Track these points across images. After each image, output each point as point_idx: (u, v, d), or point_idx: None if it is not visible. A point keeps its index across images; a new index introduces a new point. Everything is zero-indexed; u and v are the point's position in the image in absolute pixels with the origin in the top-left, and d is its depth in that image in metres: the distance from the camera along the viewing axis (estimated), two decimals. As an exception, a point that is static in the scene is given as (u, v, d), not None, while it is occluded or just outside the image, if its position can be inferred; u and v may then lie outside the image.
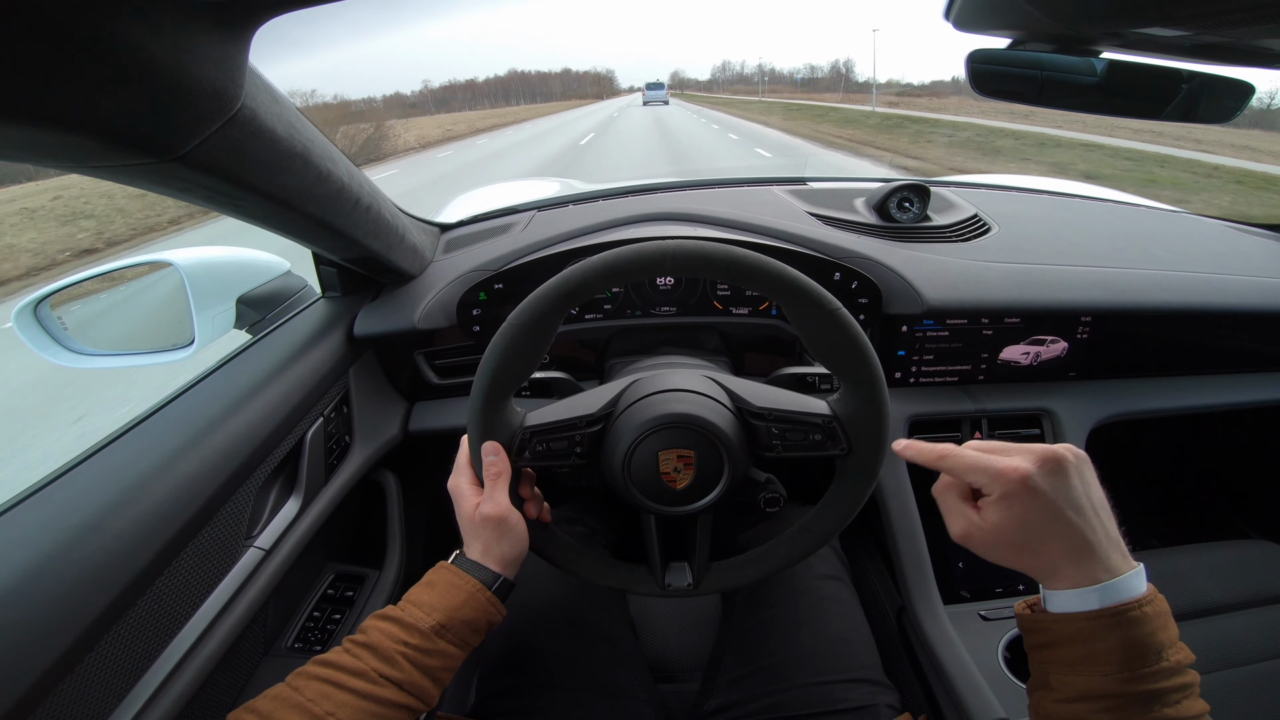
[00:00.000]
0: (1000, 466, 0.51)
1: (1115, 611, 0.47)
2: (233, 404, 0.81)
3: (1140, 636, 0.46)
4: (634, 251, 0.63)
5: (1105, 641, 0.47)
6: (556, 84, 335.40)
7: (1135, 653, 0.46)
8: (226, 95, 0.51)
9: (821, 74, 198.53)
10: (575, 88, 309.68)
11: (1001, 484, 0.50)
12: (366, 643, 0.57)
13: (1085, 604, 0.48)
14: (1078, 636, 0.48)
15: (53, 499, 0.63)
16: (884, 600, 1.13)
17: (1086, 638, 0.48)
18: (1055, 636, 0.50)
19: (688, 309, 1.12)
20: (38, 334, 0.98)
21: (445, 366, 1.16)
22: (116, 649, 0.60)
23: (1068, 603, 0.49)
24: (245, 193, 0.63)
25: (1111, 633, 0.46)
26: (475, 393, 0.66)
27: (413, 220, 1.12)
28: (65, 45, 0.37)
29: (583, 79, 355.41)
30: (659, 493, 0.68)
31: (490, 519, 0.65)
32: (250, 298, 1.06)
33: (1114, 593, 0.47)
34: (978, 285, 1.06)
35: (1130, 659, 0.46)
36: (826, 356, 0.65)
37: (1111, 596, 0.47)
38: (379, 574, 1.10)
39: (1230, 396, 1.19)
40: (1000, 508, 0.51)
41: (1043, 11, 0.59)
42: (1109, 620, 0.47)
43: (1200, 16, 0.51)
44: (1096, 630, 0.47)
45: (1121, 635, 0.46)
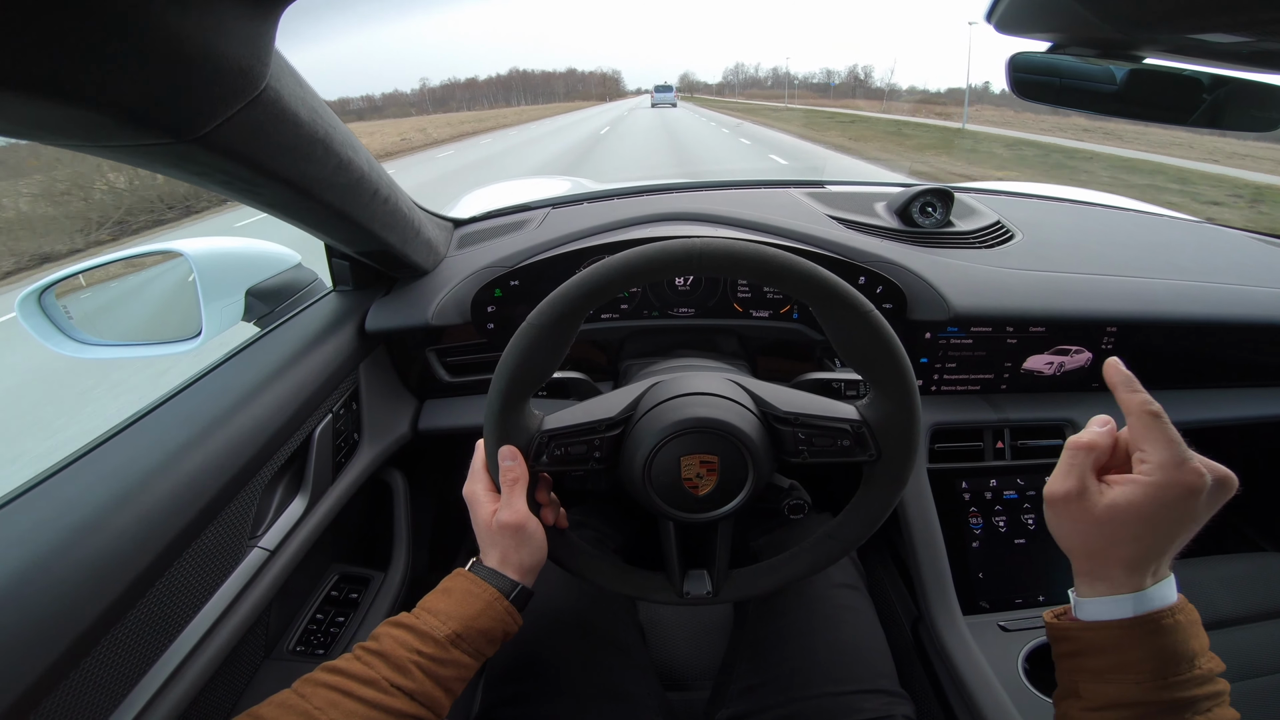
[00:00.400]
0: (1191, 461, 0.46)
1: (1149, 619, 0.46)
2: (239, 399, 0.79)
3: (1173, 644, 0.45)
4: (659, 250, 0.61)
5: (1138, 650, 0.46)
6: (560, 84, 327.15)
7: (1168, 661, 0.45)
8: (252, 74, 0.49)
9: (839, 79, 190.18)
10: (580, 88, 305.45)
11: (1176, 474, 0.45)
12: (379, 650, 0.56)
13: (1119, 612, 0.47)
14: (1109, 645, 0.47)
15: (52, 495, 0.61)
16: (899, 610, 1.11)
17: (1119, 646, 0.47)
18: (1085, 645, 0.49)
19: (706, 311, 1.10)
20: (41, 323, 0.96)
21: (457, 364, 1.15)
22: (115, 651, 0.58)
23: (1100, 610, 0.48)
24: (264, 178, 0.61)
25: (1144, 641, 0.46)
26: (493, 395, 0.64)
27: (427, 214, 1.10)
28: (85, 16, 0.35)
29: (588, 79, 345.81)
30: (680, 499, 0.65)
31: (508, 526, 0.63)
32: (260, 290, 1.04)
33: (1147, 601, 0.47)
34: (1003, 293, 1.04)
35: (1162, 667, 0.45)
36: (858, 361, 0.63)
37: (1145, 604, 0.47)
38: (384, 576, 1.08)
39: (1252, 410, 1.17)
40: (1142, 490, 0.46)
41: (1094, 13, 0.57)
42: (1142, 628, 0.46)
43: (1265, 22, 0.49)
44: (1129, 638, 0.46)
45: (1155, 643, 0.46)
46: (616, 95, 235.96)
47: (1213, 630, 0.96)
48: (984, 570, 1.02)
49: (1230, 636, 0.96)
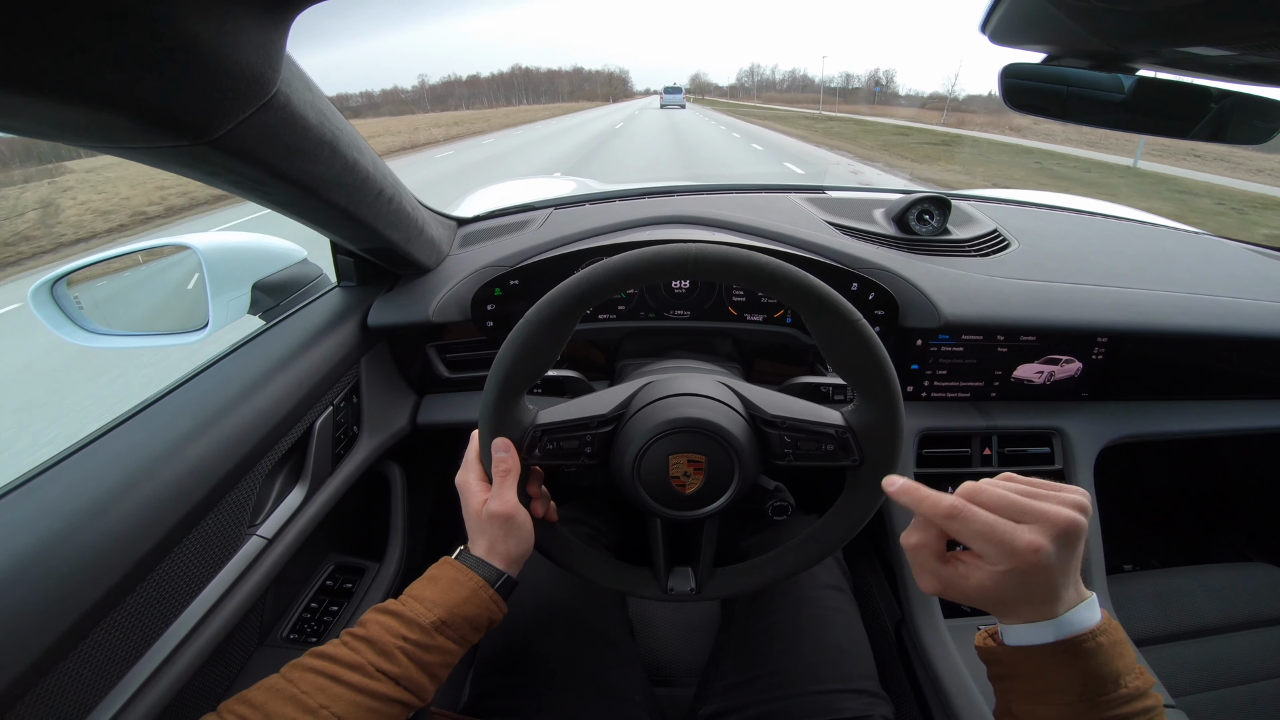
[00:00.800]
0: (1019, 545, 0.46)
1: (1069, 644, 0.47)
2: (243, 390, 0.81)
3: (1096, 666, 0.46)
4: (655, 254, 0.62)
5: (1063, 673, 0.47)
6: (564, 83, 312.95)
7: (1093, 682, 0.46)
8: (263, 80, 0.51)
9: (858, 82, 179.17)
10: (585, 88, 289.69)
11: (1014, 561, 0.47)
12: (365, 636, 0.57)
13: (1040, 637, 0.48)
14: (1035, 670, 0.49)
15: (59, 481, 0.63)
16: (883, 612, 1.13)
17: (1043, 671, 0.48)
18: (1014, 669, 0.50)
19: (702, 313, 1.11)
20: (53, 313, 0.98)
21: (456, 360, 1.16)
22: (113, 634, 0.59)
23: (1023, 636, 0.49)
24: (273, 179, 0.63)
25: (1069, 664, 0.47)
26: (488, 389, 0.65)
27: (431, 213, 1.12)
28: (110, 22, 0.37)
29: (593, 79, 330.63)
30: (668, 496, 0.67)
31: (497, 516, 0.65)
32: (265, 284, 1.06)
33: (1067, 626, 0.47)
34: (995, 301, 1.05)
35: (1089, 689, 0.46)
36: (844, 368, 0.65)
37: (1065, 629, 0.47)
38: (379, 567, 1.10)
39: (1241, 422, 1.17)
40: (997, 577, 0.48)
41: (1085, 27, 0.58)
42: (1065, 653, 0.47)
43: (1251, 37, 0.50)
44: (1054, 663, 0.47)
45: (1079, 666, 0.47)
46: (624, 95, 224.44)
47: (1198, 638, 0.98)
48: None
49: (1216, 645, 0.98)
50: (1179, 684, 0.92)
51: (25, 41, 0.34)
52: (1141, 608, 1.06)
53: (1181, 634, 1.01)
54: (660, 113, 43.69)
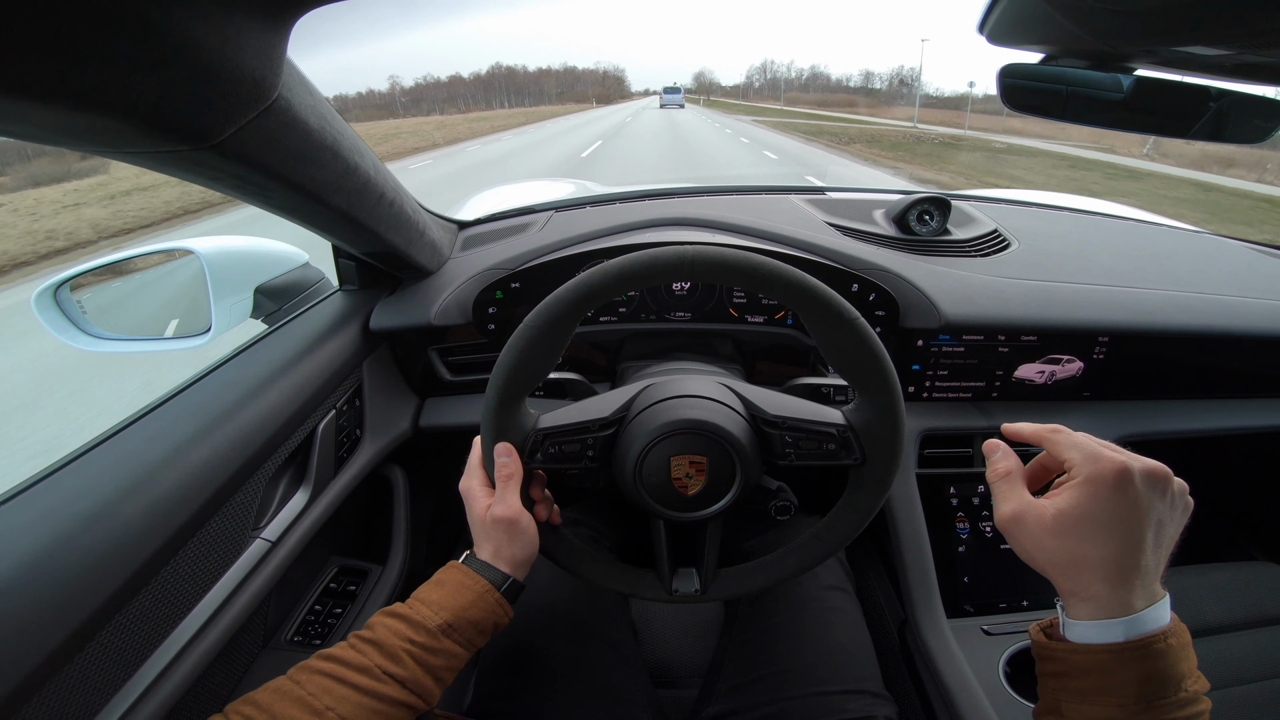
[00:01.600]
0: (1104, 451, 0.49)
1: (1140, 645, 0.45)
2: (247, 393, 0.81)
3: (1162, 669, 0.45)
4: (652, 256, 0.62)
5: (1125, 674, 0.45)
6: (552, 83, 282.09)
7: (1155, 685, 0.44)
8: (264, 85, 0.51)
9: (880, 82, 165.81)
10: (576, 88, 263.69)
11: (1097, 466, 0.48)
12: (372, 639, 0.57)
13: (1109, 636, 0.46)
14: (1095, 668, 0.46)
15: (63, 484, 0.64)
16: (886, 612, 1.13)
17: (1104, 670, 0.46)
18: (1071, 667, 0.48)
19: (703, 315, 1.12)
20: (57, 317, 0.99)
21: (458, 363, 1.17)
22: (119, 636, 0.60)
23: (1090, 634, 0.47)
24: (275, 183, 0.63)
25: (1133, 665, 0.45)
26: (489, 394, 0.66)
27: (432, 217, 1.12)
28: (111, 28, 0.37)
29: (584, 78, 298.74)
30: (670, 498, 0.67)
31: (501, 521, 0.65)
32: (268, 288, 1.07)
33: (1140, 625, 0.46)
34: (996, 301, 1.05)
35: (1148, 691, 0.44)
36: (844, 367, 0.65)
37: (1137, 629, 0.46)
38: (382, 569, 1.10)
39: (1245, 421, 1.17)
40: (1079, 491, 0.48)
41: (1080, 27, 0.58)
42: (1131, 654, 0.45)
43: (1245, 36, 0.51)
44: (1116, 664, 0.45)
45: (1143, 668, 0.45)
46: (618, 96, 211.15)
47: (1200, 638, 0.98)
48: (969, 575, 1.03)
49: (1218, 644, 0.97)
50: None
51: (27, 48, 0.35)
52: (1144, 607, 1.05)
53: (1185, 633, 1.01)
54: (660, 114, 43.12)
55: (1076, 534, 0.47)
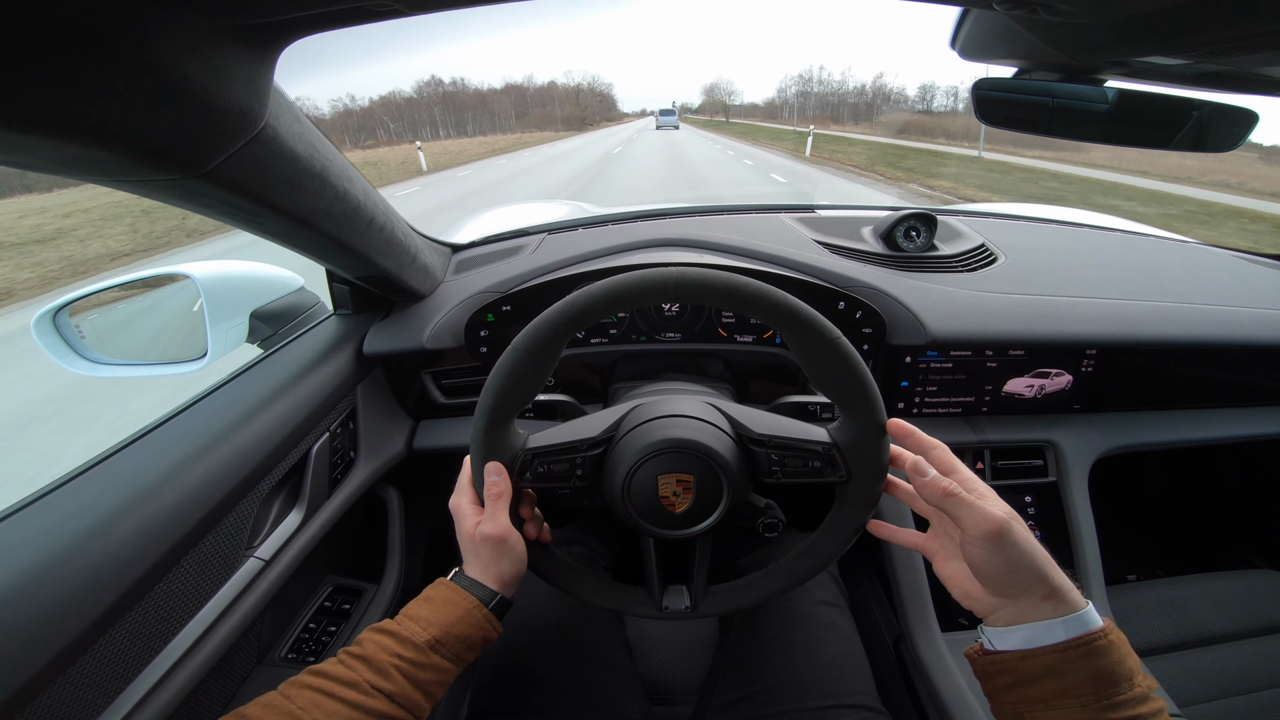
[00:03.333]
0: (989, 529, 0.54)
1: (1082, 642, 0.48)
2: (242, 416, 0.82)
3: (1109, 665, 0.47)
4: (637, 278, 0.63)
5: (1076, 673, 0.48)
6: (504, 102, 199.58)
7: (1106, 681, 0.47)
8: (251, 114, 0.53)
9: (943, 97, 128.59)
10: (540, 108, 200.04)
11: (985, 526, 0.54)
12: (361, 654, 0.58)
13: (1051, 637, 0.49)
14: (1048, 671, 0.49)
15: (62, 502, 0.65)
16: (882, 627, 1.13)
17: (1057, 671, 0.48)
18: (1023, 674, 0.51)
19: (692, 335, 1.13)
20: (55, 342, 1.00)
21: (452, 386, 1.18)
22: (112, 650, 0.61)
23: (1032, 637, 0.50)
24: (265, 210, 0.65)
25: (1081, 663, 0.48)
26: (479, 414, 0.67)
27: (425, 240, 1.14)
28: (109, 64, 0.39)
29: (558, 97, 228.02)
30: (658, 516, 0.68)
31: (490, 538, 0.66)
32: (263, 312, 1.08)
33: (1078, 624, 0.49)
34: (982, 317, 1.06)
35: (1103, 688, 0.47)
36: (826, 385, 0.66)
37: (1076, 628, 0.49)
38: (376, 588, 1.11)
39: (1236, 430, 1.18)
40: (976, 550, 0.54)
41: (1046, 42, 0.60)
42: (1077, 651, 0.48)
43: (1197, 45, 0.52)
44: (1066, 662, 0.48)
45: (1091, 665, 0.47)
46: (606, 119, 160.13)
47: (1203, 646, 0.98)
48: None
49: (1222, 653, 0.98)
50: (1187, 693, 0.92)
51: (24, 82, 0.36)
52: (1146, 618, 1.06)
53: (1188, 643, 1.01)
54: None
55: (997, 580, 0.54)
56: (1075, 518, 1.07)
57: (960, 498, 0.57)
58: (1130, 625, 1.01)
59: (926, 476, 0.60)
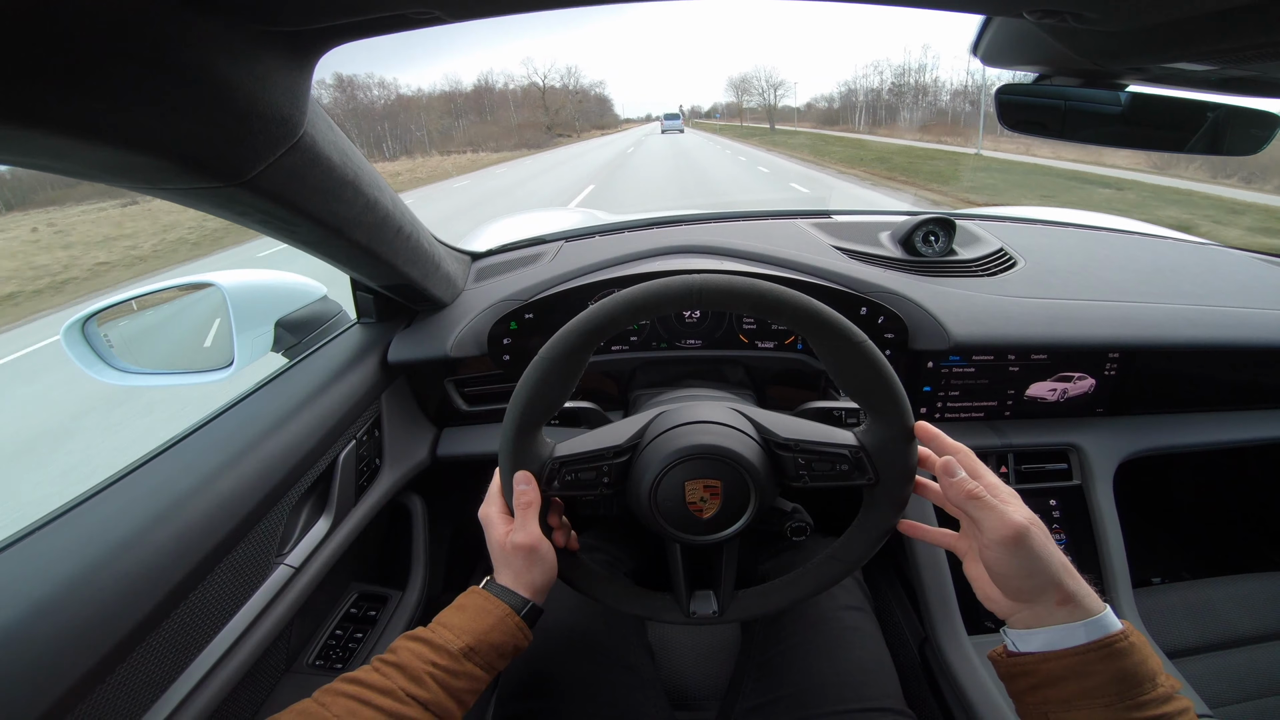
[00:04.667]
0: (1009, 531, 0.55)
1: (1103, 644, 0.49)
2: (271, 425, 0.83)
3: (1130, 666, 0.48)
4: (661, 286, 0.64)
5: (1099, 674, 0.48)
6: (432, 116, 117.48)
7: (1129, 682, 0.47)
8: (291, 122, 0.53)
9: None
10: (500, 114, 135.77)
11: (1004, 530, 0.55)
12: (396, 662, 0.58)
13: (1072, 639, 0.50)
14: (1070, 672, 0.50)
15: (96, 512, 0.66)
16: (906, 630, 1.12)
17: (1079, 673, 0.49)
18: (1046, 676, 0.51)
19: (713, 342, 1.13)
20: (85, 351, 1.01)
21: (474, 394, 1.18)
22: (147, 660, 0.61)
23: (1053, 640, 0.51)
24: (300, 218, 0.66)
25: (1103, 665, 0.48)
26: (507, 424, 0.67)
27: (446, 249, 1.15)
28: (156, 73, 0.40)
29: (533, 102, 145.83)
30: (685, 522, 0.68)
31: (521, 548, 0.66)
32: (288, 321, 1.09)
33: (1099, 627, 0.50)
34: (1004, 321, 1.06)
35: (1126, 688, 0.47)
36: (853, 389, 0.66)
37: (1097, 630, 0.50)
38: (401, 595, 1.11)
39: (1260, 432, 1.17)
40: (992, 553, 0.56)
41: (1070, 47, 0.60)
42: (1098, 653, 0.49)
43: (1225, 52, 0.52)
44: (1088, 664, 0.49)
45: (1113, 666, 0.48)
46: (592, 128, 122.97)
47: (1230, 649, 0.98)
48: None
49: (1251, 654, 0.97)
50: (1216, 694, 0.91)
51: (74, 90, 0.37)
52: (1173, 620, 1.05)
53: (1215, 645, 1.01)
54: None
55: (1014, 581, 0.56)
56: (1100, 521, 1.07)
57: (983, 500, 0.57)
58: (1157, 628, 1.01)
59: (955, 477, 0.61)
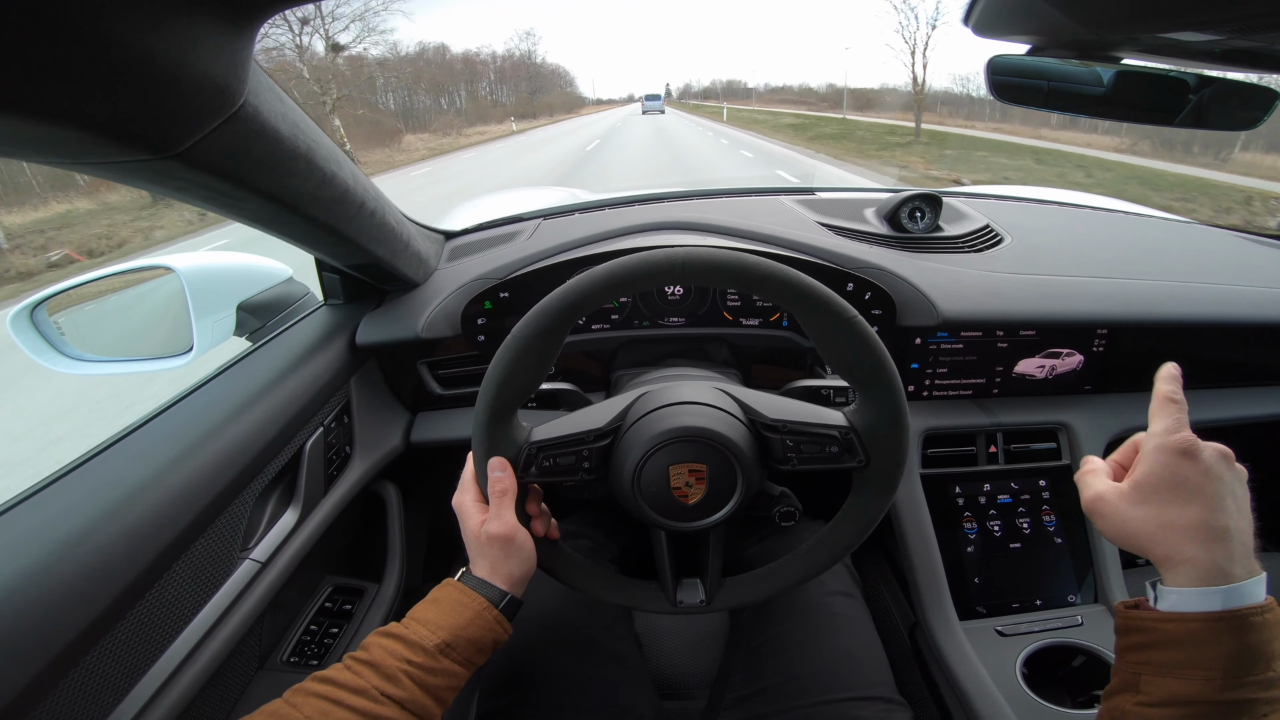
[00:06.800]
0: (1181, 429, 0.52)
1: (1236, 615, 0.44)
2: (230, 413, 0.79)
3: (1256, 644, 0.44)
4: (642, 260, 0.61)
5: (1217, 646, 0.44)
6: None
7: (1245, 660, 0.44)
8: (229, 91, 0.49)
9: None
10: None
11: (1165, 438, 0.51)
12: (369, 660, 0.56)
13: (1207, 604, 0.45)
14: (1187, 638, 0.46)
15: (39, 509, 0.62)
16: (896, 616, 1.12)
17: (1197, 640, 0.45)
18: (1161, 637, 0.47)
19: (696, 320, 1.10)
20: (34, 339, 0.96)
21: (449, 377, 1.15)
22: (103, 663, 0.58)
23: (1187, 601, 0.46)
24: (247, 193, 0.62)
25: (1225, 637, 0.44)
26: (479, 408, 0.64)
27: (417, 227, 1.11)
28: (62, 40, 0.36)
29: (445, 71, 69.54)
30: (670, 508, 0.66)
31: (497, 538, 0.64)
32: (251, 304, 1.05)
33: (1239, 595, 0.45)
34: (992, 297, 1.05)
35: (1238, 665, 0.44)
36: (843, 367, 0.64)
37: (1236, 599, 0.45)
38: (378, 587, 1.08)
39: (1246, 409, 1.17)
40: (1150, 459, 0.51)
41: (1069, 15, 0.58)
42: (1227, 624, 0.44)
43: (1237, 20, 0.50)
44: (1211, 634, 0.45)
45: (1236, 641, 0.44)
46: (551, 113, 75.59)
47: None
48: (979, 575, 1.03)
49: None
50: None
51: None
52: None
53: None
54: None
55: (1157, 499, 0.49)
56: None
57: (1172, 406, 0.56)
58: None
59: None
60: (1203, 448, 0.49)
